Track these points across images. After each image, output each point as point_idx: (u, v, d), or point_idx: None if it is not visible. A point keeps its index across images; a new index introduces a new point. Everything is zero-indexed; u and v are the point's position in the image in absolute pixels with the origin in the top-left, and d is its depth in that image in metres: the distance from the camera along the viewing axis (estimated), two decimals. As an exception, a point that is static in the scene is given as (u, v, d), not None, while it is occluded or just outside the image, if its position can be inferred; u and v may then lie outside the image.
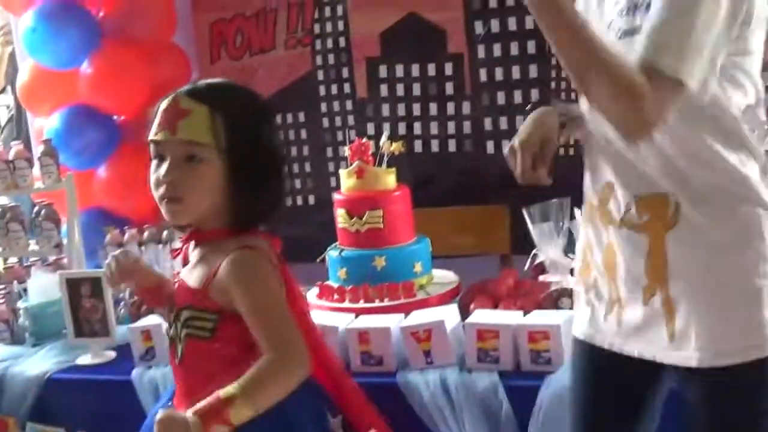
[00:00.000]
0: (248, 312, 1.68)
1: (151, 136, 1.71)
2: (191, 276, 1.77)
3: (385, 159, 2.60)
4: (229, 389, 1.57)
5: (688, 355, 1.55)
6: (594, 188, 1.70)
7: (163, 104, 1.71)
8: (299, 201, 3.93)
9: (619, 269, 1.64)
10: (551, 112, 1.74)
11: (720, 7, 1.42)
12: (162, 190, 1.68)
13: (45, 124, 3.85)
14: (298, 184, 3.92)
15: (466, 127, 3.64)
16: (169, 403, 1.83)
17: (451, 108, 3.66)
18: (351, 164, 2.60)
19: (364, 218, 2.55)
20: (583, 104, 1.68)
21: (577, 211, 2.40)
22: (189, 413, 1.54)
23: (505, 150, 1.69)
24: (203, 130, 1.67)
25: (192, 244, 1.83)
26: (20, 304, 2.79)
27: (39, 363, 2.60)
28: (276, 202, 1.83)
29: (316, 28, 3.80)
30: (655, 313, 1.59)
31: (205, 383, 1.64)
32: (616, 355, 1.67)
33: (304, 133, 3.89)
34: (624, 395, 1.74)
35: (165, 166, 1.68)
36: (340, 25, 3.76)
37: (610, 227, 1.64)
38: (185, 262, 1.87)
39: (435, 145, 3.68)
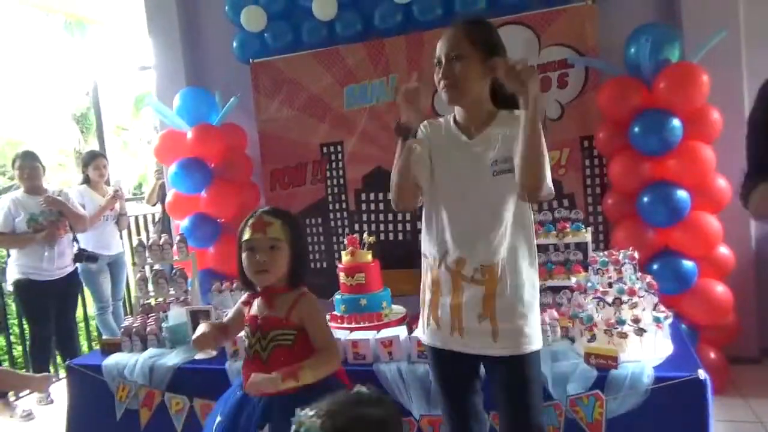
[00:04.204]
0: (315, 327, 1.68)
1: (248, 237, 1.66)
2: (270, 312, 1.69)
3: (366, 246, 2.55)
4: (302, 363, 1.58)
5: (504, 347, 1.56)
6: (447, 260, 1.60)
7: (252, 220, 1.68)
8: (317, 266, 3.84)
9: (463, 306, 1.58)
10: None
11: None
12: (257, 266, 1.64)
13: (180, 224, 3.76)
14: (317, 256, 3.84)
15: (407, 227, 3.60)
16: (240, 393, 1.73)
17: (399, 216, 3.62)
18: (347, 248, 2.54)
19: (354, 277, 2.48)
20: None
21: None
22: (273, 373, 1.53)
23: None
24: (279, 232, 1.65)
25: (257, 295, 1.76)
26: (164, 324, 2.66)
27: (173, 358, 2.47)
28: (308, 269, 1.80)
29: (327, 174, 3.77)
30: (484, 328, 1.57)
31: None
32: (455, 354, 1.62)
33: (321, 230, 3.82)
34: (461, 375, 1.67)
35: (258, 254, 1.64)
36: (340, 172, 3.74)
37: (462, 282, 1.58)
38: (249, 306, 1.77)
39: (391, 236, 3.64)
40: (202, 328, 1.73)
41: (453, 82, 1.55)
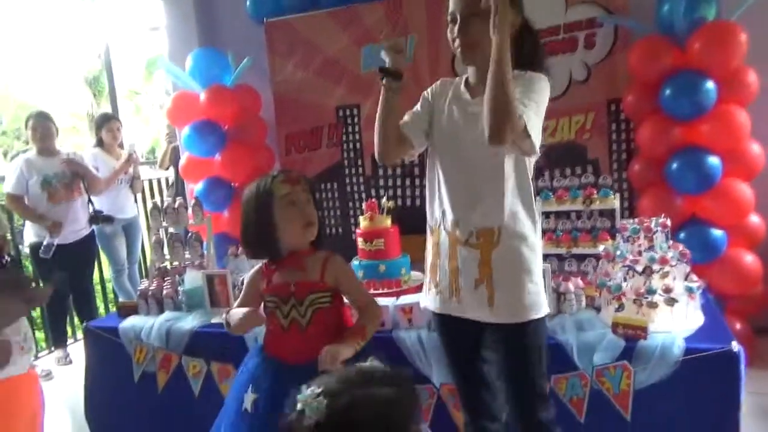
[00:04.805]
0: (353, 285, 1.67)
1: (287, 191, 1.59)
2: (302, 276, 1.63)
3: (385, 211, 2.48)
4: (362, 323, 1.63)
5: (500, 314, 1.52)
6: (446, 223, 1.57)
7: (282, 176, 1.62)
8: (332, 231, 3.78)
9: (460, 271, 1.55)
10: None
11: None
12: (308, 218, 1.61)
13: (194, 188, 3.72)
14: (332, 221, 3.78)
15: (425, 192, 3.51)
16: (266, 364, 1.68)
17: (417, 181, 3.54)
18: (366, 213, 2.48)
19: (373, 243, 2.42)
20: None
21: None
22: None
23: None
24: (307, 189, 1.63)
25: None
26: (180, 288, 2.62)
27: (190, 321, 2.43)
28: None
29: (344, 138, 3.68)
30: (480, 294, 1.53)
31: (322, 339, 1.54)
32: (456, 318, 1.60)
33: (336, 195, 3.75)
34: (466, 341, 1.64)
35: (302, 206, 1.61)
36: (357, 136, 3.66)
37: (457, 245, 1.55)
38: (269, 278, 1.69)
39: (408, 202, 3.56)
40: (239, 313, 1.62)
41: (469, 41, 1.48)
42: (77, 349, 3.72)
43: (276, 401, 1.54)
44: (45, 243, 3.50)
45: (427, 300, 1.70)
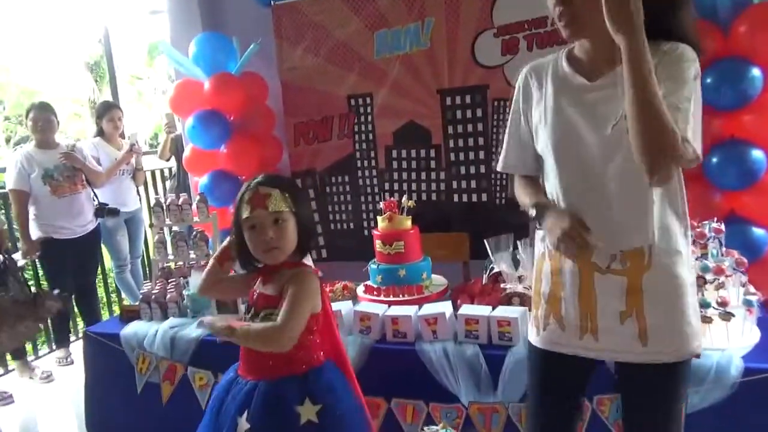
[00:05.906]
0: (286, 300, 1.41)
1: (248, 215, 1.43)
2: (266, 290, 1.50)
3: (405, 211, 2.30)
4: (250, 326, 1.43)
5: (658, 352, 1.25)
6: None
7: (248, 194, 1.45)
8: (343, 226, 3.58)
9: (598, 303, 1.27)
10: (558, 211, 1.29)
11: None
12: (265, 245, 1.43)
13: (199, 181, 3.54)
14: (343, 216, 3.59)
15: (441, 186, 3.32)
16: (233, 373, 1.57)
17: (433, 175, 3.34)
18: (384, 213, 2.30)
19: (392, 246, 2.24)
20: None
21: (518, 242, 2.12)
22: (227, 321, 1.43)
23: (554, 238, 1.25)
24: (281, 203, 1.44)
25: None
26: (185, 292, 2.47)
27: (196, 329, 2.27)
28: (314, 239, 1.61)
29: (355, 128, 3.48)
30: (628, 329, 1.25)
31: (279, 356, 1.43)
32: (578, 358, 1.32)
33: (348, 188, 3.55)
34: (574, 382, 1.39)
35: (263, 231, 1.43)
36: (369, 127, 3.45)
37: (594, 272, 1.26)
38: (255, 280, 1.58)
39: (423, 197, 3.36)
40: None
41: (573, 13, 1.18)
42: (77, 347, 3.58)
43: (220, 407, 1.50)
44: (15, 257, 3.25)
45: (541, 338, 1.38)
